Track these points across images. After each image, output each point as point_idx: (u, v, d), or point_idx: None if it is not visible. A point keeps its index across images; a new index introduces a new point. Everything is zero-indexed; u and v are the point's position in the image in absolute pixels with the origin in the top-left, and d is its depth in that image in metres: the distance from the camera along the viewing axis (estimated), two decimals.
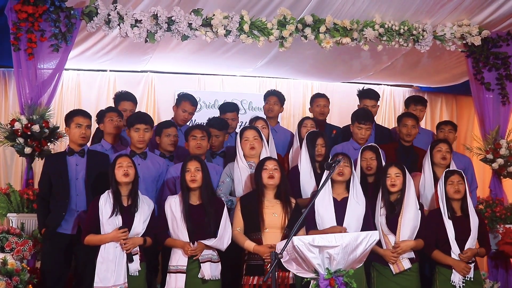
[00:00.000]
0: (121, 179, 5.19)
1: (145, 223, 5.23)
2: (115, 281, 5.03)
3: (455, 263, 5.46)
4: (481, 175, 9.12)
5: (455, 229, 5.52)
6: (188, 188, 5.26)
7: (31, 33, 6.00)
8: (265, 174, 5.30)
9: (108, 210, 5.14)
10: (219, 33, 6.39)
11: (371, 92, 7.32)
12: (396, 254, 5.42)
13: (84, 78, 8.89)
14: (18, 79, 6.14)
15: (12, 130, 6.09)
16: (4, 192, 6.10)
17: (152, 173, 5.87)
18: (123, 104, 6.78)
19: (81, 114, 5.75)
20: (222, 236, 5.18)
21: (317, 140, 5.97)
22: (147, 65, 8.67)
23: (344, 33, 6.70)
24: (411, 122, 6.67)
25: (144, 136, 5.83)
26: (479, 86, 7.33)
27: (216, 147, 6.33)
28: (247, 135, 5.82)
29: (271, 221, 5.23)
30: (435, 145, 6.16)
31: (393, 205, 5.55)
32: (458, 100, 10.09)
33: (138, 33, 6.26)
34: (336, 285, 4.17)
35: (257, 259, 5.16)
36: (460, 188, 5.57)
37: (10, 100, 8.46)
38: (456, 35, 7.05)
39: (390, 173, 5.56)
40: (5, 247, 5.61)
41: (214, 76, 9.34)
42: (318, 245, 4.16)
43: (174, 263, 5.19)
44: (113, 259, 5.05)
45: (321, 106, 7.26)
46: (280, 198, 5.32)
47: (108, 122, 6.27)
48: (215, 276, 5.18)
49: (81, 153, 5.66)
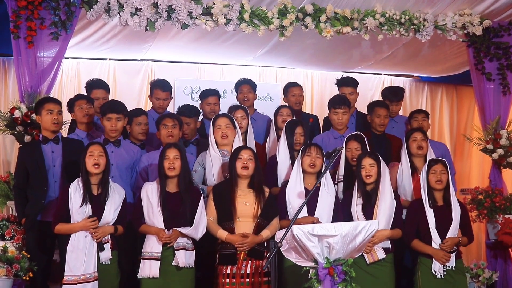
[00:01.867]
0: (91, 169, 5.17)
1: (116, 211, 5.22)
2: (85, 270, 5.03)
3: (434, 252, 5.45)
4: (481, 165, 9.15)
5: (436, 218, 5.50)
6: (165, 176, 5.26)
7: (30, 21, 5.97)
8: (239, 163, 5.30)
9: (77, 199, 5.12)
10: (219, 22, 6.37)
11: (348, 79, 7.34)
12: (371, 244, 5.36)
13: (84, 67, 8.86)
14: (18, 67, 6.13)
15: (12, 118, 6.08)
16: (4, 180, 6.11)
17: (126, 160, 5.88)
18: (95, 93, 6.76)
19: (51, 101, 5.77)
20: (198, 225, 5.19)
21: (296, 128, 5.97)
22: (147, 54, 8.64)
23: (345, 23, 6.68)
24: (383, 112, 6.70)
25: (117, 125, 5.84)
26: (480, 76, 7.31)
27: (188, 135, 6.31)
28: (219, 123, 5.80)
29: (243, 210, 5.25)
30: (409, 135, 6.15)
31: (369, 194, 5.54)
32: (459, 90, 10.07)
33: (138, 22, 6.24)
34: (335, 274, 4.17)
35: (230, 248, 5.19)
36: (443, 178, 5.55)
37: (10, 88, 8.44)
38: (457, 24, 7.02)
39: (365, 164, 5.54)
40: (5, 234, 5.63)
41: (214, 65, 9.31)
42: (318, 234, 4.16)
43: (149, 250, 5.20)
44: (83, 248, 5.05)
45: (296, 95, 7.24)
46: (253, 187, 5.33)
47: (78, 111, 6.26)
48: (189, 264, 5.20)
49: (55, 140, 5.67)
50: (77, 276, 5.01)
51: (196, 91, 8.76)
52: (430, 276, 5.46)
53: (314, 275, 4.22)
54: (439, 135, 9.74)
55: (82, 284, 5.00)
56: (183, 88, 8.99)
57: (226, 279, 5.16)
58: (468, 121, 9.85)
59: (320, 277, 4.18)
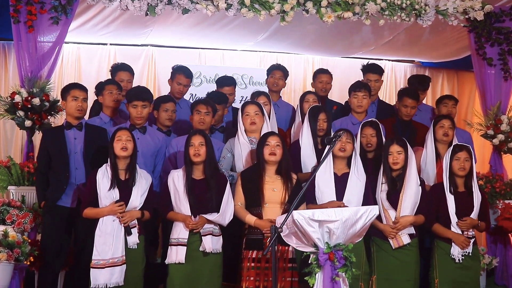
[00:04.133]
0: (119, 153, 5.20)
1: (143, 197, 5.25)
2: (113, 254, 5.06)
3: (455, 236, 5.48)
4: (481, 150, 9.13)
5: (457, 204, 5.53)
6: (191, 162, 5.27)
7: (30, 6, 5.96)
8: (266, 150, 5.30)
9: (105, 184, 5.16)
10: (220, 7, 6.33)
11: (375, 66, 7.32)
12: (396, 230, 5.44)
13: (84, 52, 8.86)
14: (18, 52, 6.12)
15: (12, 103, 6.08)
16: (5, 165, 6.10)
17: (151, 147, 5.88)
18: (120, 75, 6.79)
19: (78, 87, 5.76)
20: (224, 211, 5.21)
21: (319, 115, 5.96)
22: (147, 39, 8.62)
23: (346, 7, 6.63)
24: (411, 103, 6.62)
25: (142, 113, 5.83)
26: (481, 62, 7.28)
27: (216, 121, 6.31)
28: (248, 110, 5.80)
29: (271, 196, 5.25)
30: (438, 121, 6.13)
31: (395, 180, 5.56)
32: (460, 76, 10.05)
33: (139, 6, 6.19)
34: (336, 259, 4.18)
35: (257, 234, 5.20)
36: (466, 165, 5.57)
37: (10, 73, 8.44)
38: (459, 9, 6.97)
39: (392, 151, 5.54)
40: (6, 219, 5.64)
41: (214, 50, 9.29)
42: (318, 219, 4.16)
43: (176, 236, 5.23)
44: (111, 232, 5.09)
45: (323, 82, 7.24)
46: (281, 173, 5.33)
47: (108, 95, 6.27)
48: (216, 249, 5.22)
49: (78, 126, 5.67)
50: (105, 260, 5.05)
51: (197, 76, 8.75)
52: (447, 259, 5.50)
53: (314, 260, 4.23)
54: None
55: (111, 268, 5.04)
56: None
57: (251, 263, 5.17)
58: (469, 107, 9.85)
59: (321, 262, 4.19)
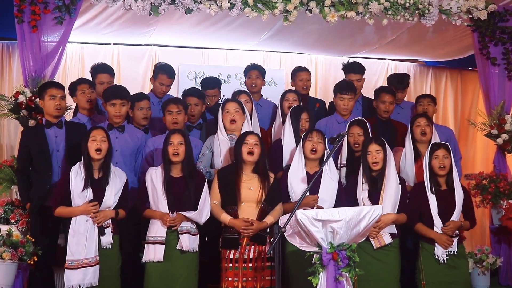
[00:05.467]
0: (93, 154, 5.18)
1: (117, 196, 5.24)
2: (86, 254, 5.06)
3: (437, 236, 5.46)
4: (485, 150, 9.13)
5: (439, 203, 5.51)
6: (170, 161, 5.28)
7: (34, 5, 5.96)
8: (245, 148, 5.32)
9: (79, 183, 5.14)
10: (223, 6, 6.33)
11: (356, 65, 7.30)
12: (378, 228, 5.39)
13: (88, 51, 8.85)
14: (22, 52, 6.12)
15: (16, 103, 6.09)
16: (9, 165, 6.12)
17: (130, 146, 5.87)
18: (100, 77, 6.71)
19: (55, 86, 5.75)
20: (202, 209, 5.22)
21: (301, 114, 5.96)
22: (150, 38, 8.62)
23: (349, 7, 6.62)
24: (389, 98, 6.69)
25: (121, 111, 5.82)
26: (484, 61, 7.27)
27: (195, 117, 6.30)
28: (228, 107, 5.82)
29: (248, 195, 5.27)
30: (414, 120, 6.16)
31: (375, 180, 5.54)
32: (463, 75, 10.03)
33: (142, 6, 6.20)
34: (339, 259, 4.18)
35: (233, 232, 5.23)
36: (445, 162, 5.55)
37: (14, 72, 8.44)
38: (462, 9, 6.96)
39: (371, 150, 5.54)
40: (10, 219, 5.64)
41: (218, 50, 9.28)
42: (322, 219, 4.17)
43: (153, 234, 5.24)
44: (84, 232, 5.08)
45: (304, 80, 7.25)
46: (258, 172, 5.35)
47: (80, 95, 6.25)
48: (193, 248, 5.24)
49: (59, 124, 5.66)
50: (78, 260, 5.05)
51: (200, 76, 8.77)
52: (432, 261, 5.48)
53: (318, 260, 4.23)
54: (443, 120, 9.71)
55: (84, 268, 5.03)
56: (187, 73, 8.98)
57: (229, 263, 5.20)
58: (473, 106, 9.83)
59: (324, 262, 4.20)
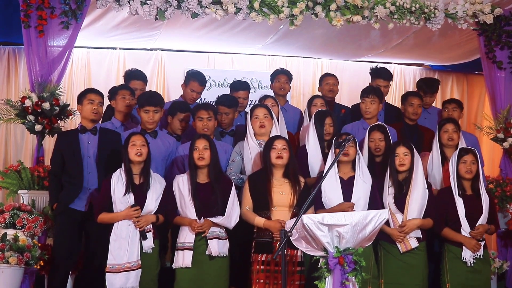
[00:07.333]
0: (134, 158, 5.21)
1: (157, 201, 5.26)
2: (128, 258, 5.08)
3: (466, 240, 5.48)
4: (491, 154, 9.10)
5: (466, 207, 5.52)
6: (195, 166, 5.29)
7: (41, 10, 6.00)
8: (273, 153, 5.31)
9: (120, 189, 5.18)
10: (229, 11, 6.34)
11: (384, 71, 7.30)
12: (403, 233, 5.43)
13: (94, 56, 8.88)
14: (28, 57, 6.16)
15: (23, 108, 6.11)
16: (15, 169, 6.13)
17: (162, 152, 5.89)
18: (133, 83, 6.76)
19: (94, 92, 5.80)
20: (230, 214, 5.22)
21: (325, 119, 5.96)
22: (156, 43, 8.63)
23: (355, 11, 6.63)
24: (417, 101, 6.69)
25: (154, 117, 5.84)
26: (490, 65, 7.27)
27: (226, 125, 6.32)
28: (257, 113, 5.81)
29: (279, 200, 5.26)
30: (441, 126, 6.15)
31: (401, 184, 5.55)
32: (469, 79, 10.02)
33: (148, 11, 6.22)
34: (346, 263, 4.18)
35: (266, 237, 5.22)
36: (472, 168, 5.56)
37: (21, 77, 8.47)
38: (468, 13, 6.96)
39: (399, 152, 5.55)
40: (16, 223, 5.64)
41: (223, 54, 9.30)
42: (328, 223, 4.16)
43: (182, 240, 5.25)
44: (126, 237, 5.11)
45: (330, 84, 7.26)
46: (288, 177, 5.34)
47: (120, 100, 6.29)
48: (222, 253, 5.23)
49: (93, 130, 5.68)
50: (120, 264, 5.07)
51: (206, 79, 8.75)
52: (458, 263, 5.50)
53: (324, 265, 4.23)
54: None
55: (126, 272, 5.06)
56: None
57: (260, 266, 5.19)
58: (479, 110, 9.82)
59: (330, 267, 4.19)
